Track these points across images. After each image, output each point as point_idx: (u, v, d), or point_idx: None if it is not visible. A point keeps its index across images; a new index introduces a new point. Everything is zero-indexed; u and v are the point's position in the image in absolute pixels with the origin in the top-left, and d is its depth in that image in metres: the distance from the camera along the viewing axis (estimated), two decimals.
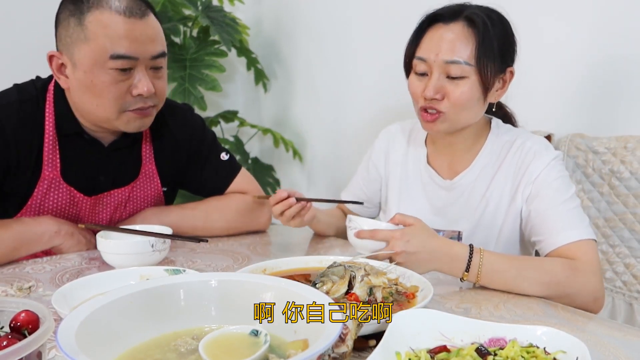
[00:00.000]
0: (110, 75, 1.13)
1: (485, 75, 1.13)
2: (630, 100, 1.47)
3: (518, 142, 1.22)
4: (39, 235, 1.17)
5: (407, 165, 1.36)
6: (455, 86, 1.13)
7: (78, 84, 1.15)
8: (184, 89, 2.20)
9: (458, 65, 1.12)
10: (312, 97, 2.53)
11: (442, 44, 1.13)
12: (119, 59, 1.12)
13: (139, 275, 0.95)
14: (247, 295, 0.69)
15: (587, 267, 1.04)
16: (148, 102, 1.19)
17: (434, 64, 1.14)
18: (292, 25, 2.57)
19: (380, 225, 1.09)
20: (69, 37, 1.13)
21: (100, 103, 1.15)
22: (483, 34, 1.12)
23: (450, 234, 1.26)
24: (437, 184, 1.30)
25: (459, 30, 1.13)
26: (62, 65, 1.16)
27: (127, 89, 1.15)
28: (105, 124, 1.20)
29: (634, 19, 1.44)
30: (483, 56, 1.12)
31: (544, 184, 1.15)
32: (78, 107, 1.20)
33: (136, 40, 1.13)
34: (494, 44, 1.12)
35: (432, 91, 1.14)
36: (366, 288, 0.82)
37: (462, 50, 1.12)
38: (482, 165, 1.25)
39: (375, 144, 1.45)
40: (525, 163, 1.18)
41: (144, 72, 1.16)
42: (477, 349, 0.67)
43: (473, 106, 1.16)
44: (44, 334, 0.56)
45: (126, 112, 1.17)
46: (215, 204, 1.42)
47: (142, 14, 1.14)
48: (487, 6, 1.18)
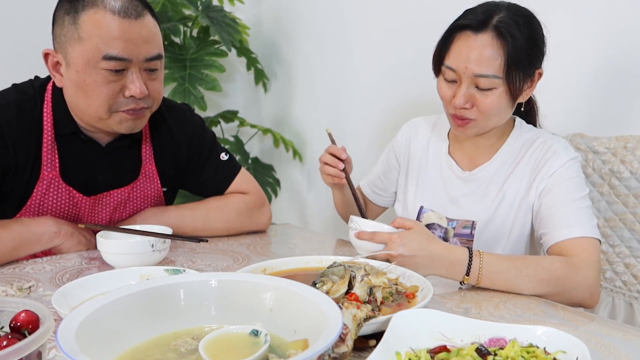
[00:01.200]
0: (102, 76, 1.12)
1: (514, 86, 1.13)
2: (630, 100, 1.47)
3: (539, 140, 1.25)
4: (38, 235, 1.17)
5: (428, 155, 1.39)
6: (485, 96, 1.14)
7: (71, 82, 1.15)
8: (184, 89, 2.20)
9: (487, 78, 1.12)
10: (312, 97, 2.53)
11: (471, 55, 1.12)
12: (112, 60, 1.11)
13: (139, 275, 0.95)
14: (247, 295, 0.69)
15: (585, 263, 1.06)
16: (140, 104, 1.17)
17: (463, 75, 1.14)
18: (292, 25, 2.57)
19: (381, 227, 1.09)
20: (63, 36, 1.13)
21: (91, 102, 1.14)
22: (512, 45, 1.10)
23: (464, 223, 1.28)
24: (456, 174, 1.32)
25: (488, 41, 1.11)
26: (57, 63, 1.16)
27: (119, 89, 1.14)
28: (97, 124, 1.20)
29: (635, 20, 1.44)
30: (512, 68, 1.11)
31: (558, 181, 1.17)
32: (72, 105, 1.20)
33: (130, 41, 1.12)
34: (522, 53, 1.12)
35: (462, 100, 1.15)
36: (366, 288, 0.82)
37: (491, 62, 1.11)
38: (502, 160, 1.28)
39: (398, 135, 1.48)
40: (544, 160, 1.20)
41: (138, 73, 1.15)
42: (477, 349, 0.67)
43: (502, 112, 1.18)
44: (44, 334, 0.56)
45: (118, 112, 1.16)
46: (215, 204, 1.42)
47: (138, 15, 1.13)
48: (515, 7, 1.15)
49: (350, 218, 1.14)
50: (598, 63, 1.52)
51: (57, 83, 1.18)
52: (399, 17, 2.03)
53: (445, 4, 1.24)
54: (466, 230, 1.27)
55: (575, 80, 1.57)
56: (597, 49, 1.52)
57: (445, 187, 1.34)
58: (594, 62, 1.53)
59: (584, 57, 1.55)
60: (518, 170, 1.25)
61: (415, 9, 1.96)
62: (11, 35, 2.12)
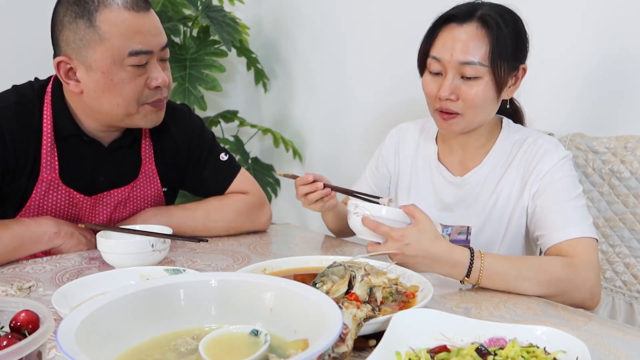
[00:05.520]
0: (129, 72, 1.14)
1: (499, 75, 1.14)
2: (630, 100, 1.47)
3: (529, 140, 1.24)
4: (39, 235, 1.17)
5: (417, 162, 1.37)
6: (470, 87, 1.15)
7: (96, 85, 1.14)
8: (184, 89, 2.20)
9: (472, 66, 1.13)
10: (312, 97, 2.53)
11: (456, 44, 1.14)
12: (137, 54, 1.13)
13: (139, 275, 0.95)
14: (247, 295, 0.69)
15: (585, 264, 1.05)
16: (164, 93, 1.21)
17: (448, 65, 1.15)
18: (292, 25, 2.57)
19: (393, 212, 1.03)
20: (79, 40, 1.12)
21: (121, 101, 1.16)
22: (497, 34, 1.13)
23: (459, 229, 1.27)
24: (447, 180, 1.31)
25: (473, 31, 1.14)
26: (70, 69, 1.15)
27: (144, 83, 1.16)
28: (122, 123, 1.21)
29: (635, 19, 1.44)
30: (497, 57, 1.13)
31: (551, 181, 1.16)
32: (94, 108, 1.18)
33: (149, 33, 1.14)
34: (507, 44, 1.13)
35: (447, 91, 1.15)
36: (366, 288, 0.82)
37: (476, 51, 1.13)
38: (493, 163, 1.26)
39: (385, 141, 1.46)
40: (535, 160, 1.20)
41: (156, 63, 1.18)
42: (477, 349, 0.67)
43: (487, 105, 1.18)
44: (44, 334, 0.56)
45: (144, 105, 1.18)
46: (216, 204, 1.42)
47: (147, 7, 1.16)
48: (500, 4, 1.18)
49: (351, 202, 1.07)
50: (599, 63, 1.52)
51: (73, 89, 1.16)
52: (399, 17, 2.03)
53: (446, 4, 1.25)
54: (462, 236, 1.26)
55: (576, 81, 1.57)
56: (597, 49, 1.52)
57: (437, 193, 1.32)
58: (595, 63, 1.53)
59: (584, 57, 1.55)
60: (510, 172, 1.24)
61: (415, 9, 1.96)
62: (11, 35, 2.12)
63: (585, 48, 1.54)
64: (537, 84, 1.62)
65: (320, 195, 1.23)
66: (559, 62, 1.60)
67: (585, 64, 1.55)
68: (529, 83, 1.51)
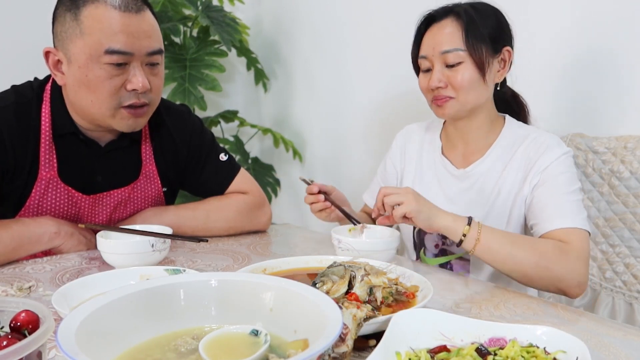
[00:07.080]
0: (104, 70, 1.12)
1: (477, 56, 1.22)
2: (630, 100, 1.47)
3: (532, 136, 1.28)
4: (38, 235, 1.17)
5: (422, 158, 1.44)
6: (455, 72, 1.23)
7: (73, 79, 1.15)
8: (184, 89, 2.20)
9: (452, 52, 1.23)
10: (312, 97, 2.53)
11: (437, 38, 1.25)
12: (114, 53, 1.11)
13: (139, 275, 0.95)
14: (247, 295, 0.69)
15: (576, 253, 1.10)
16: (142, 99, 1.18)
17: (433, 58, 1.26)
18: (292, 25, 2.57)
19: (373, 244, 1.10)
20: (64, 32, 1.13)
21: (95, 99, 1.14)
22: (467, 21, 1.22)
23: None
24: (451, 173, 1.36)
25: (449, 24, 1.25)
26: (58, 61, 1.16)
27: (121, 84, 1.15)
28: (99, 122, 1.20)
29: (636, 19, 1.44)
30: (471, 39, 1.22)
31: (550, 175, 1.20)
32: (74, 104, 1.19)
33: (131, 35, 1.12)
34: (480, 27, 1.22)
35: (436, 81, 1.25)
36: (366, 288, 0.82)
37: (454, 39, 1.23)
38: (495, 156, 1.31)
39: (393, 143, 1.54)
40: (537, 154, 1.24)
41: (140, 67, 1.15)
42: (477, 349, 0.67)
43: (475, 86, 1.24)
44: (44, 334, 0.56)
45: (120, 109, 1.16)
46: (216, 204, 1.42)
47: (138, 9, 1.14)
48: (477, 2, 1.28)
49: (333, 237, 1.12)
50: (599, 63, 1.52)
51: (59, 81, 1.18)
52: (399, 17, 2.03)
53: (445, 4, 1.26)
54: None
55: (576, 80, 1.57)
56: (598, 49, 1.52)
57: (441, 186, 1.37)
58: (595, 62, 1.53)
59: (584, 57, 1.55)
60: (512, 164, 1.28)
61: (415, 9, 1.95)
62: (11, 35, 2.12)
63: (586, 49, 1.54)
64: (538, 83, 1.62)
65: (323, 207, 1.32)
66: (560, 61, 1.60)
67: (586, 64, 1.55)
68: (529, 83, 1.51)
